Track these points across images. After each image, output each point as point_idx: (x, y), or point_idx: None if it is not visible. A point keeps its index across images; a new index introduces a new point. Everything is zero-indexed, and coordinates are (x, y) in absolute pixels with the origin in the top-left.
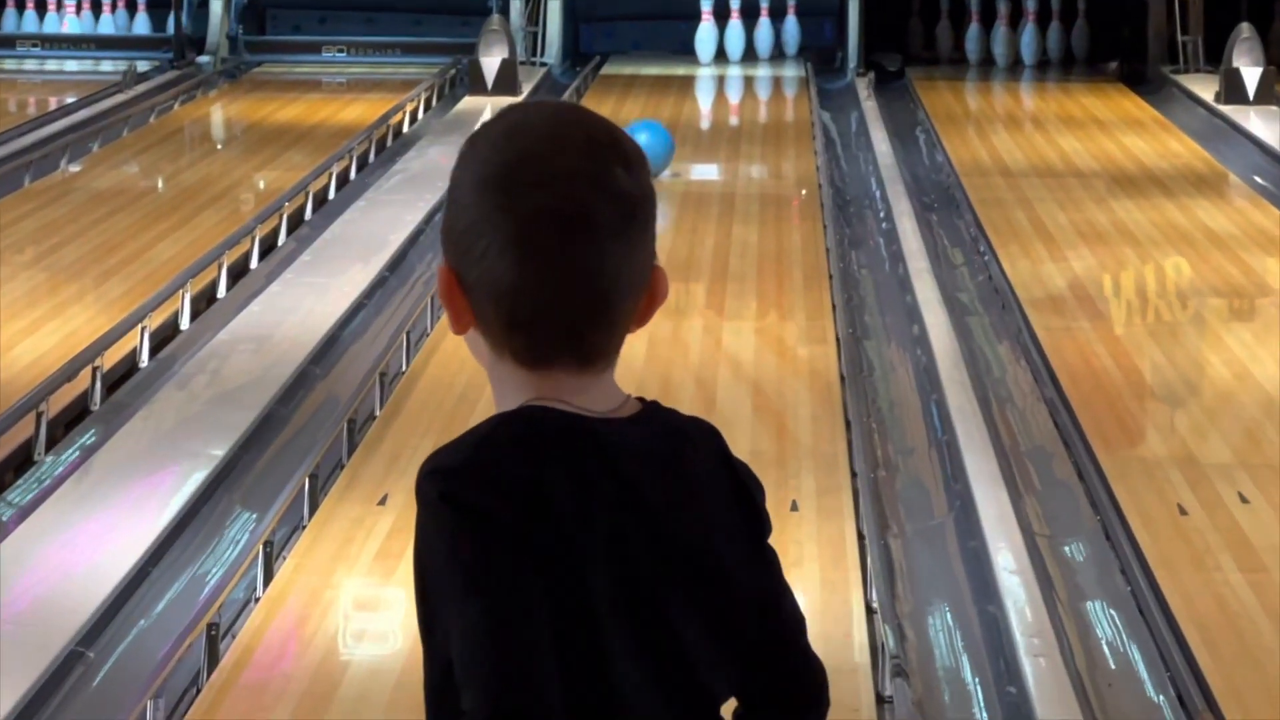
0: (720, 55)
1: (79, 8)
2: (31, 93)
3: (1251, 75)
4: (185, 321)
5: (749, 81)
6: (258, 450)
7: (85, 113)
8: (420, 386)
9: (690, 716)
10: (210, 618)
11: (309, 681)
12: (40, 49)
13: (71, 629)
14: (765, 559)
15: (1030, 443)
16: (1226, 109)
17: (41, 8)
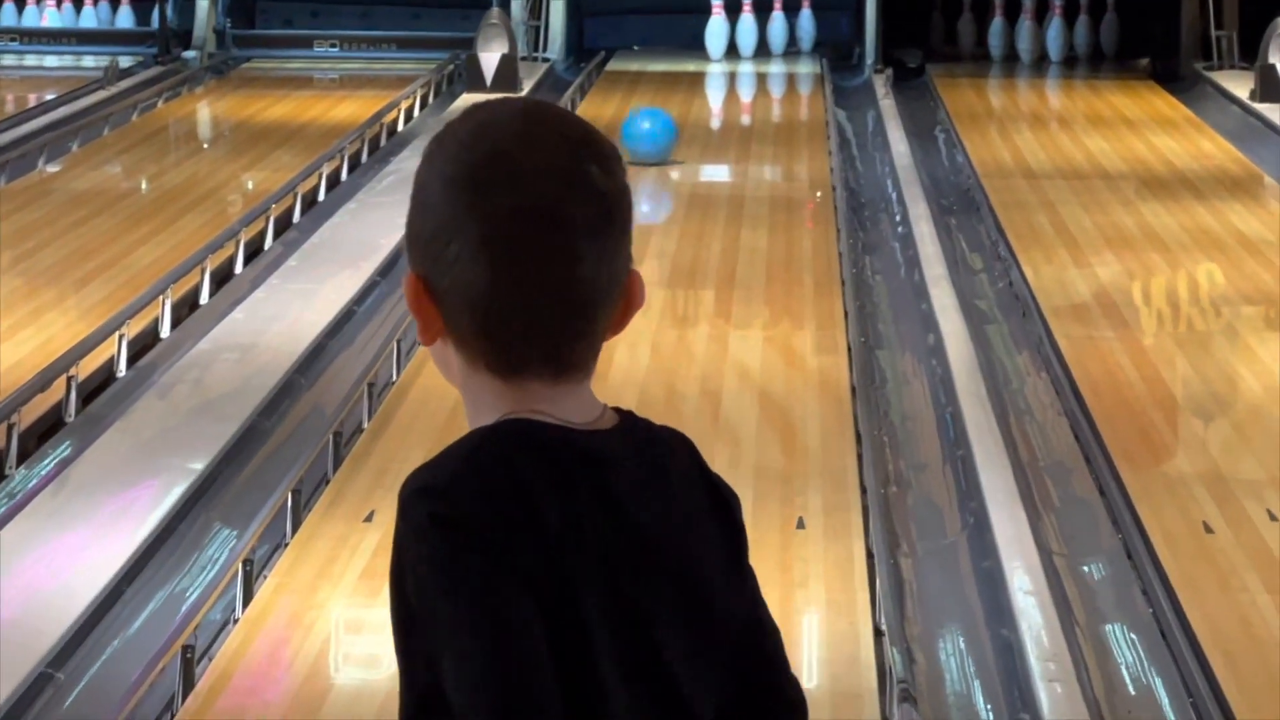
0: (731, 51)
1: (60, 1)
2: (9, 89)
3: None
4: (165, 329)
5: (761, 78)
6: (239, 464)
7: (65, 110)
8: (411, 398)
9: None
10: (186, 639)
11: (289, 707)
12: (19, 43)
13: (41, 649)
14: (744, 574)
15: (1049, 458)
16: (1262, 107)
17: (21, 1)
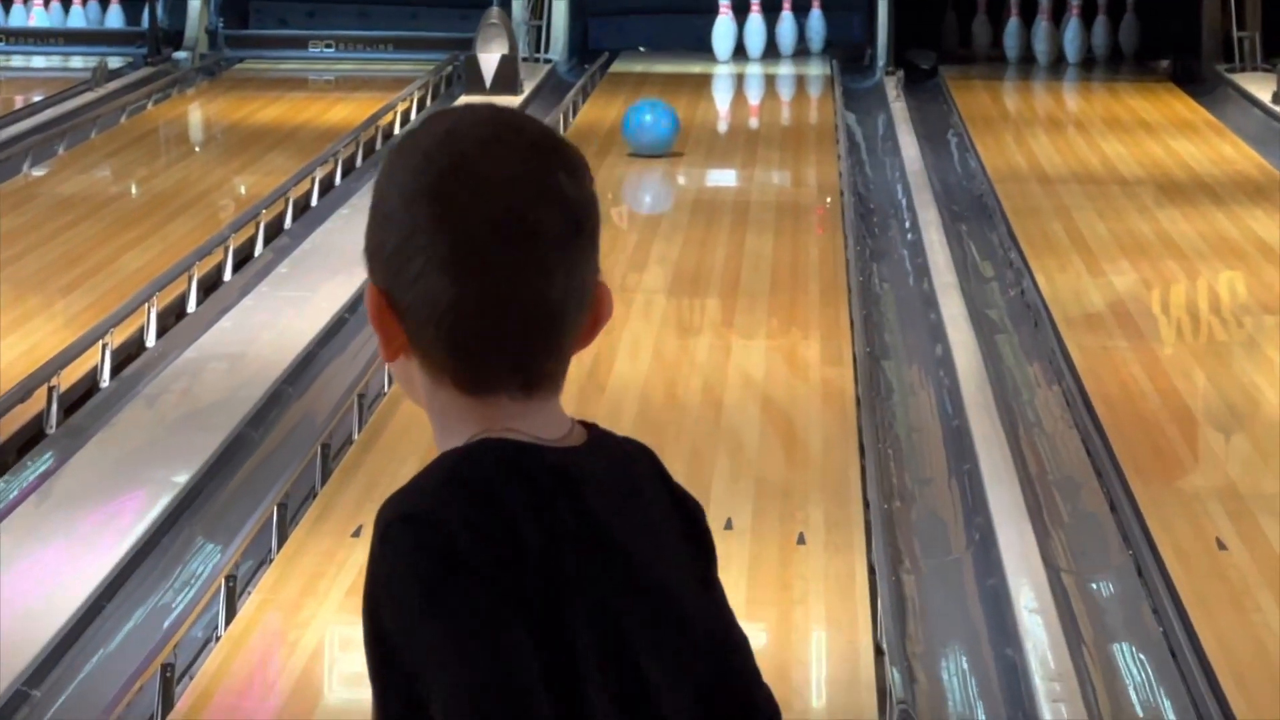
0: (739, 52)
1: (47, 1)
2: None
3: None
4: (151, 338)
5: (769, 80)
6: (224, 477)
7: (51, 112)
8: (402, 410)
9: None
10: (165, 657)
11: None
12: (5, 44)
13: (17, 666)
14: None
15: (1059, 472)
16: None
17: (7, 0)
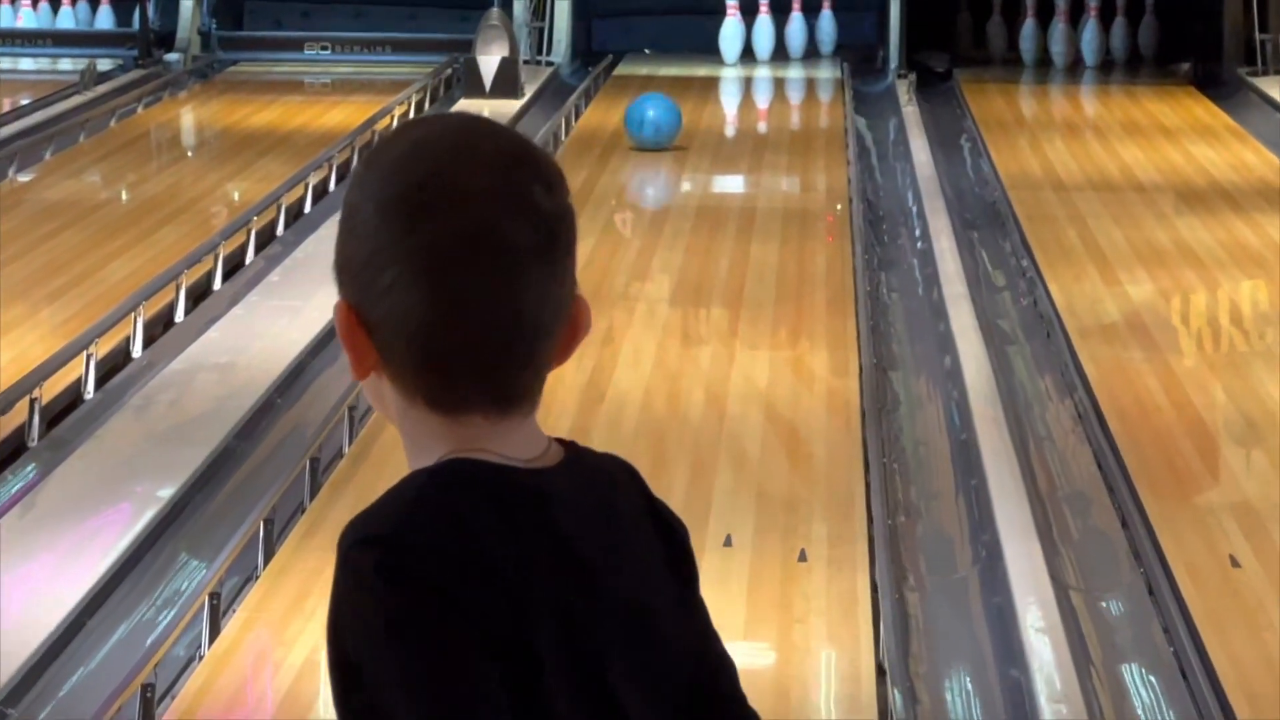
0: (747, 54)
1: (35, 1)
2: None
3: None
4: (137, 348)
5: (778, 84)
6: (210, 491)
7: (39, 116)
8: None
9: None
10: (146, 676)
11: None
12: None
13: None
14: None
15: (1069, 488)
16: None
17: None
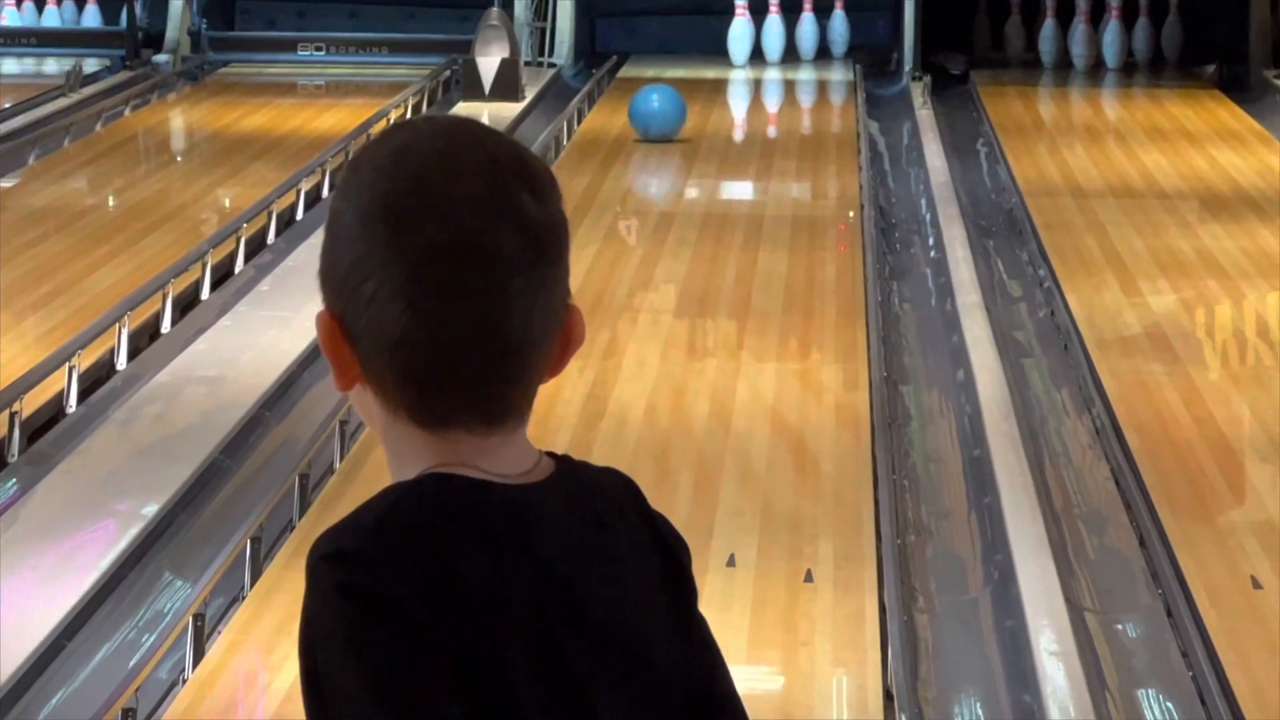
0: (756, 56)
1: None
2: None
3: None
4: (122, 360)
5: (789, 86)
6: (196, 508)
7: (22, 119)
8: None
9: None
10: (127, 701)
11: None
12: None
13: None
14: (694, 632)
15: (1086, 506)
16: None
17: None
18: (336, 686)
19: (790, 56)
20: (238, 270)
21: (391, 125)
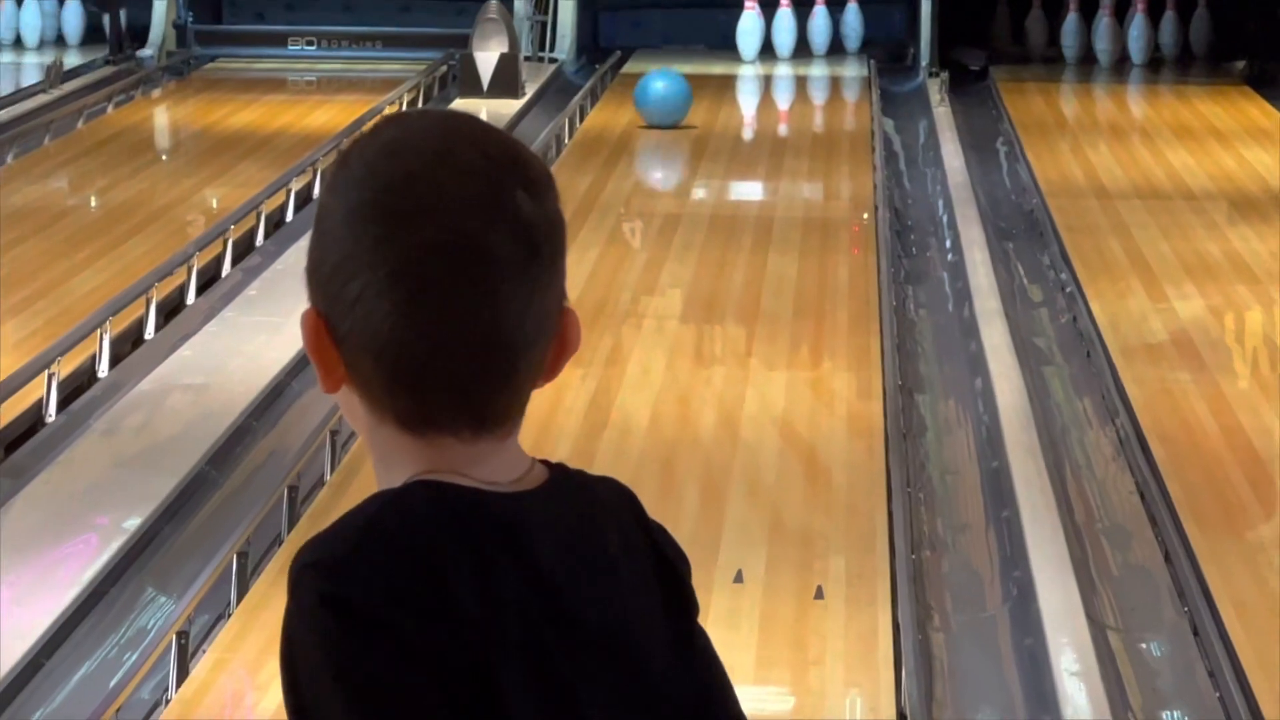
0: (767, 51)
1: None
2: None
3: None
4: (104, 367)
5: (800, 83)
6: (180, 521)
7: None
8: None
9: None
10: None
11: None
12: None
13: None
14: (695, 645)
15: (1109, 520)
16: None
17: None
18: (320, 700)
19: (802, 51)
20: (225, 274)
21: (383, 119)
